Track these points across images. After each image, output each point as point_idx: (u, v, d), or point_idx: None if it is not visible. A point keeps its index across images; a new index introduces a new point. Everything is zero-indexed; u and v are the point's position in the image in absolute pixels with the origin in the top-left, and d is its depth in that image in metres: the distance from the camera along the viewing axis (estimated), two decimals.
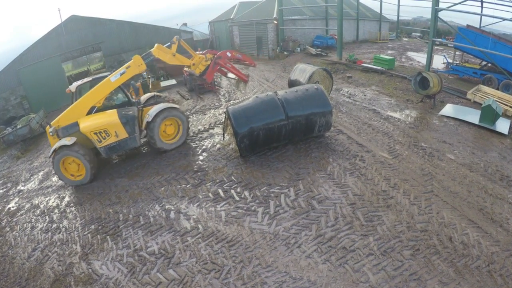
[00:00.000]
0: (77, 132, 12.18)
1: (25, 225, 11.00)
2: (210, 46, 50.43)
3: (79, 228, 10.05)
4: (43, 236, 10.08)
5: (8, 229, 11.08)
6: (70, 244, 9.42)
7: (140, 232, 9.34)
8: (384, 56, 26.34)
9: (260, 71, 28.76)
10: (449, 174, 10.64)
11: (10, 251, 9.84)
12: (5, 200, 13.48)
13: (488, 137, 13.59)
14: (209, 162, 12.45)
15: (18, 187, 14.51)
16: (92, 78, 13.41)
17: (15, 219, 11.59)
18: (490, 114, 14.24)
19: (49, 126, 12.58)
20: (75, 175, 12.36)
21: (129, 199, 10.99)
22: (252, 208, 9.52)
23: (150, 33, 37.44)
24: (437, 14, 20.67)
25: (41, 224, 10.75)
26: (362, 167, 11.07)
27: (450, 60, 25.92)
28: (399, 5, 44.42)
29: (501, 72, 19.64)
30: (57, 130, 12.41)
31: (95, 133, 12.08)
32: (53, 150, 11.80)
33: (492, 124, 14.31)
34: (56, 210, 11.37)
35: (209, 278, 7.52)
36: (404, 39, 46.00)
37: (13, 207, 12.57)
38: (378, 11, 45.90)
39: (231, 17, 44.99)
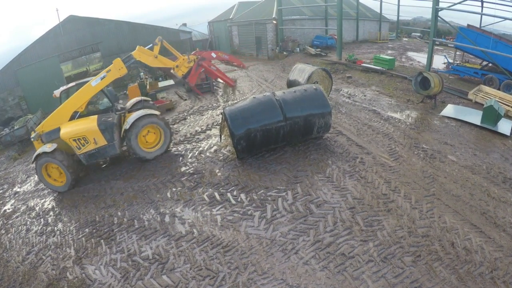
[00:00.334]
0: (59, 138, 12.02)
1: (20, 228, 10.85)
2: (210, 46, 50.38)
3: (74, 231, 9.88)
4: (38, 239, 9.93)
5: (3, 232, 10.92)
6: (64, 248, 9.27)
7: (134, 236, 9.15)
8: (384, 56, 26.13)
9: (259, 71, 28.58)
10: (451, 177, 10.40)
11: (5, 254, 9.69)
12: (1, 202, 13.33)
13: (490, 138, 13.36)
14: (206, 164, 12.22)
15: (15, 189, 14.35)
16: (76, 83, 13.20)
17: (11, 221, 11.44)
18: (492, 115, 14.00)
19: (33, 132, 12.53)
20: (58, 181, 12.26)
21: (124, 202, 10.81)
22: (249, 212, 9.29)
23: (149, 33, 37.17)
24: (438, 14, 20.44)
25: (36, 227, 10.61)
26: (362, 170, 10.83)
27: (451, 60, 25.70)
28: (399, 5, 44.33)
29: (502, 72, 19.45)
30: (41, 136, 12.36)
31: (74, 140, 11.89)
32: (35, 157, 11.76)
33: (494, 125, 14.07)
34: (51, 213, 11.22)
35: (203, 285, 7.29)
36: (404, 39, 45.82)
37: (9, 209, 12.42)
38: (378, 11, 45.73)
39: (230, 17, 44.84)
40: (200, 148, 13.64)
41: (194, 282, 7.39)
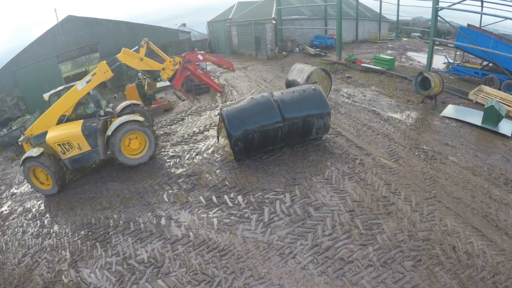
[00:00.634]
0: (45, 143, 11.92)
1: (17, 230, 10.75)
2: (209, 46, 50.27)
3: (69, 234, 9.77)
4: (34, 241, 9.83)
5: (0, 234, 10.83)
6: (60, 250, 9.17)
7: (130, 239, 9.02)
8: (384, 56, 25.98)
9: (258, 72, 28.48)
10: (452, 178, 10.23)
11: (1, 256, 9.63)
12: None
13: (491, 139, 13.21)
14: (203, 166, 12.06)
15: (12, 190, 14.23)
16: (64, 87, 12.99)
17: (7, 223, 11.33)
18: (493, 116, 13.84)
19: (22, 135, 12.45)
20: (45, 184, 12.20)
21: (120, 204, 10.68)
22: (246, 215, 9.12)
23: (147, 33, 36.81)
24: (438, 13, 20.28)
25: (32, 229, 10.51)
26: (362, 171, 10.66)
27: (451, 60, 25.55)
28: (399, 5, 44.13)
29: (503, 72, 19.32)
30: (30, 139, 12.29)
31: (59, 145, 11.76)
32: (22, 160, 11.70)
33: (495, 126, 13.91)
34: (48, 215, 11.11)
35: None
36: (404, 39, 45.67)
37: (6, 211, 12.31)
38: (378, 11, 45.55)
39: (230, 17, 44.72)
40: (198, 149, 13.48)
41: (190, 287, 7.24)
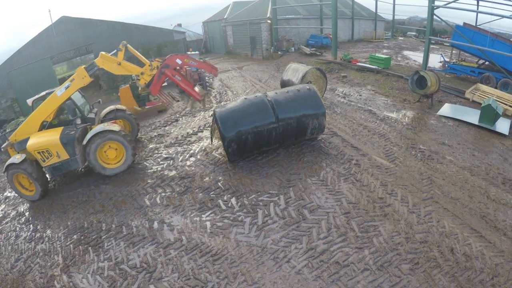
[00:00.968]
0: (26, 150, 11.77)
1: (10, 234, 10.53)
2: (204, 47, 50.05)
3: (62, 238, 9.57)
4: (27, 246, 9.63)
5: None
6: (52, 255, 8.97)
7: (122, 244, 8.83)
8: (380, 55, 25.84)
9: (254, 72, 28.32)
10: (449, 179, 10.08)
11: None
12: None
13: (488, 138, 13.09)
14: (196, 168, 11.86)
15: (5, 194, 13.93)
16: (46, 92, 12.72)
17: (0, 227, 11.12)
18: (490, 114, 13.72)
19: (7, 140, 12.32)
20: (28, 190, 12.03)
21: (113, 208, 10.48)
22: (239, 218, 8.92)
23: (142, 34, 36.87)
24: (433, 12, 20.15)
25: (25, 233, 10.30)
26: (357, 172, 10.49)
27: (447, 59, 25.44)
28: (395, 4, 44.08)
29: (499, 71, 19.24)
30: (14, 144, 12.13)
31: (39, 152, 11.58)
32: (5, 167, 11.60)
33: (492, 125, 13.80)
34: (41, 218, 10.90)
35: None
36: (400, 38, 45.69)
37: None
38: (374, 10, 45.60)
39: (225, 17, 44.47)
40: (191, 151, 13.28)
41: None
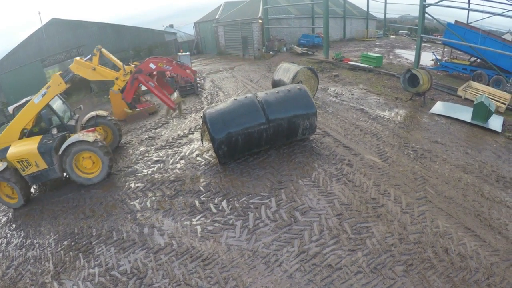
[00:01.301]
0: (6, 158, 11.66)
1: (1, 241, 10.30)
2: (196, 47, 49.81)
3: (52, 244, 9.39)
4: (18, 253, 9.42)
5: None
6: (43, 262, 8.80)
7: (113, 249, 8.65)
8: (372, 54, 25.76)
9: (245, 72, 28.19)
10: (443, 177, 9.96)
11: None
12: None
13: (482, 136, 13.02)
14: (187, 171, 11.68)
15: None
16: (26, 100, 12.53)
17: None
18: (483, 111, 13.66)
19: None
20: (11, 197, 11.86)
21: (103, 212, 10.30)
22: (230, 222, 8.73)
23: (133, 35, 36.66)
24: (425, 10, 20.09)
25: (16, 240, 10.07)
26: (350, 173, 10.34)
27: (439, 57, 25.43)
28: (386, 3, 44.11)
29: (491, 68, 19.22)
30: None
31: (18, 162, 11.45)
32: None
33: (485, 122, 13.74)
34: (32, 224, 10.69)
35: None
36: (392, 37, 45.74)
37: None
38: (365, 9, 45.57)
39: (216, 17, 44.27)
40: (182, 154, 13.09)
41: None
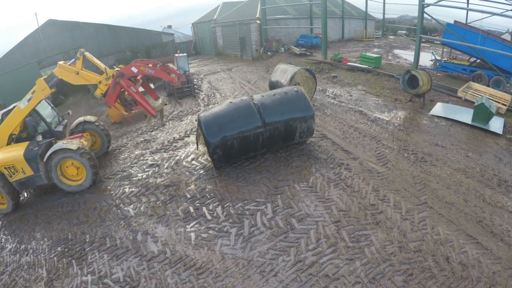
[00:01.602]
0: None
1: None
2: (194, 48, 49.58)
3: (46, 250, 9.24)
4: (12, 258, 9.28)
5: None
6: (37, 268, 8.65)
7: (106, 256, 8.47)
8: (370, 54, 25.54)
9: (243, 73, 27.99)
10: (444, 182, 9.72)
11: None
12: None
13: (482, 138, 12.80)
14: (182, 175, 11.45)
15: None
16: (13, 106, 12.50)
17: None
18: (484, 113, 13.44)
19: None
20: (1, 202, 11.79)
21: (97, 218, 10.12)
22: (225, 229, 8.49)
23: (130, 36, 36.50)
24: (424, 10, 19.87)
25: (11, 245, 9.92)
26: (348, 177, 10.10)
27: (438, 57, 25.21)
28: (385, 3, 43.92)
29: (491, 68, 19.00)
30: None
31: (5, 168, 11.39)
32: None
33: (486, 124, 13.51)
34: (26, 229, 10.53)
35: None
36: (390, 37, 45.59)
37: None
38: (364, 9, 45.36)
39: (214, 18, 44.05)
40: (177, 157, 12.86)
41: None
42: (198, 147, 12.54)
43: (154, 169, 12.30)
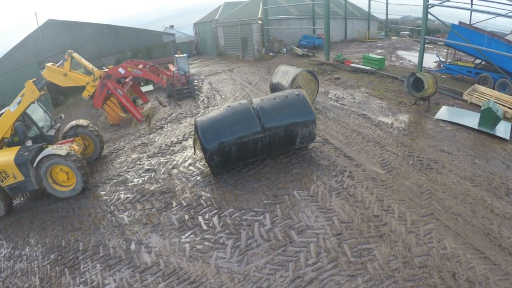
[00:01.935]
0: None
1: None
2: (195, 48, 49.30)
3: (39, 257, 9.00)
4: (6, 264, 9.09)
5: None
6: (30, 276, 8.44)
7: (99, 266, 8.17)
8: (374, 56, 25.17)
9: (244, 74, 27.64)
10: (450, 191, 9.32)
11: None
12: None
13: (489, 143, 12.40)
14: (178, 181, 11.10)
15: None
16: (5, 110, 12.23)
17: None
18: (491, 118, 13.05)
19: None
20: None
21: (91, 225, 9.83)
22: (221, 241, 8.12)
23: (130, 36, 36.26)
24: (428, 11, 19.46)
25: (5, 250, 9.71)
26: (351, 186, 9.70)
27: (443, 59, 24.78)
28: (388, 4, 43.54)
29: (496, 70, 18.61)
30: None
31: None
32: None
33: (492, 129, 13.11)
34: (21, 234, 10.30)
35: None
36: (393, 38, 45.24)
37: None
38: (367, 10, 45.07)
39: (216, 18, 43.70)
40: (174, 162, 12.52)
41: None
42: (196, 152, 12.18)
43: (151, 174, 11.97)
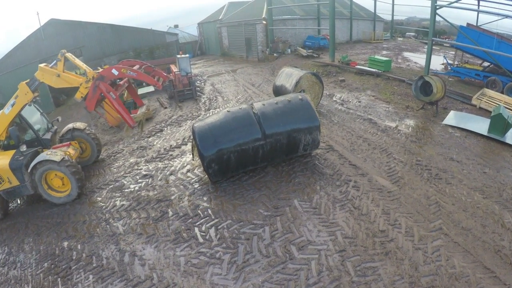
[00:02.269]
0: None
1: None
2: (199, 48, 49.02)
3: (33, 265, 8.82)
4: (0, 271, 8.96)
5: None
6: (23, 284, 8.27)
7: (91, 277, 7.88)
8: (380, 57, 24.69)
9: (247, 75, 27.28)
10: (460, 203, 8.83)
11: None
12: None
13: (499, 151, 11.92)
14: (175, 188, 10.72)
15: None
16: (2, 111, 12.09)
17: None
18: (501, 124, 12.56)
19: None
20: None
21: (86, 233, 9.55)
22: (217, 255, 7.69)
23: (133, 36, 35.94)
24: (436, 12, 18.95)
25: (0, 256, 9.60)
26: (356, 197, 9.22)
27: (450, 61, 24.22)
28: (394, 4, 43.08)
29: (504, 73, 18.14)
30: None
31: None
32: None
33: (503, 136, 12.62)
34: (16, 239, 10.15)
35: None
36: (399, 39, 44.77)
37: None
38: (372, 11, 44.64)
39: (220, 18, 43.41)
40: (172, 168, 12.14)
41: None
42: (194, 158, 11.76)
43: (147, 181, 11.61)
